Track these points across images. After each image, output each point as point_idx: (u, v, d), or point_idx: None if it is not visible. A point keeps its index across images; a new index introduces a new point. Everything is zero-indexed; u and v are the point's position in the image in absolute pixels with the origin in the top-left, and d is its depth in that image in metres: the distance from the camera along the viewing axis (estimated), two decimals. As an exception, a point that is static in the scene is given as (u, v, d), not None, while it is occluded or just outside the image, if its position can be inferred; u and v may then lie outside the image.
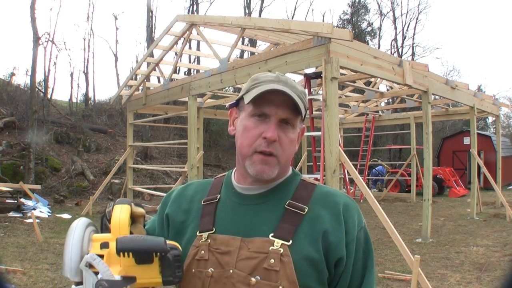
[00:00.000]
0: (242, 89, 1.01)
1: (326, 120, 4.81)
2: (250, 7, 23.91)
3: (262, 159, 0.94)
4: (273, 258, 0.88)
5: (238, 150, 0.99)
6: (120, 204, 0.92)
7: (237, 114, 1.02)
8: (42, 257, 5.40)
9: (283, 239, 0.90)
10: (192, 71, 14.75)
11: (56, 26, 24.09)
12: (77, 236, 0.83)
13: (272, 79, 0.96)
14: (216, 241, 0.94)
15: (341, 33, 4.82)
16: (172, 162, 15.56)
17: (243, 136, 0.97)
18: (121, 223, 0.87)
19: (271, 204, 0.96)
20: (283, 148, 0.95)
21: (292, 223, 0.92)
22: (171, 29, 7.78)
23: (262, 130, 0.94)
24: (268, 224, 0.93)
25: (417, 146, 11.66)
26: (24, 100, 13.81)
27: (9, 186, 8.60)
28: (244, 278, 0.88)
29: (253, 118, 0.95)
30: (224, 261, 0.91)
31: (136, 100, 9.68)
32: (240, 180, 1.02)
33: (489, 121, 26.78)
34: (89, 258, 0.79)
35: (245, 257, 0.90)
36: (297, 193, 0.98)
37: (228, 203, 1.00)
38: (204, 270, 0.92)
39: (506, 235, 6.94)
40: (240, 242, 0.92)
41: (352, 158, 11.25)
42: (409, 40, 27.56)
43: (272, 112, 0.94)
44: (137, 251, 0.80)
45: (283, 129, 0.95)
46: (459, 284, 4.43)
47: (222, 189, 1.04)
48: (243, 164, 0.97)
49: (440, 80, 7.41)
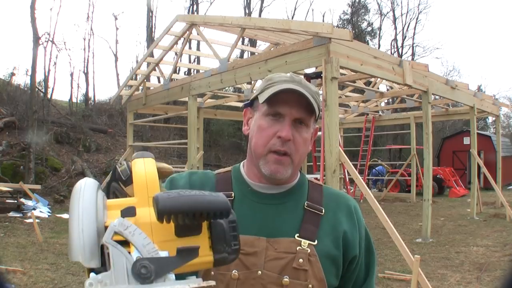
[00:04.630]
0: (257, 89, 1.02)
1: (326, 120, 4.81)
2: (250, 7, 23.92)
3: (276, 159, 0.94)
4: (301, 258, 0.90)
5: (253, 149, 0.98)
6: (141, 157, 0.67)
7: (251, 114, 1.02)
8: (42, 257, 5.40)
9: (309, 239, 0.92)
10: (192, 71, 14.74)
11: (56, 26, 23.98)
12: (88, 199, 0.55)
13: (286, 79, 0.97)
14: None
15: (341, 33, 4.82)
16: (172, 162, 15.55)
17: (258, 135, 0.96)
18: (150, 179, 0.61)
19: (291, 205, 0.98)
20: (297, 148, 0.95)
21: (313, 223, 0.95)
22: (171, 29, 7.77)
23: (277, 130, 0.94)
24: (290, 225, 0.94)
25: (417, 146, 11.66)
26: (24, 100, 13.79)
27: (9, 186, 8.60)
28: (276, 278, 0.88)
29: (268, 118, 0.95)
30: (249, 262, 0.90)
31: (136, 100, 9.68)
32: (254, 178, 1.00)
33: (489, 121, 26.77)
34: (118, 226, 0.53)
35: (273, 258, 0.90)
36: (310, 194, 1.00)
37: (245, 201, 0.97)
38: (227, 272, 0.89)
39: (506, 235, 6.94)
40: (266, 243, 0.91)
41: (352, 158, 11.22)
42: (409, 40, 27.60)
43: (286, 111, 0.94)
44: (194, 211, 0.53)
45: (297, 128, 0.95)
46: (459, 284, 4.43)
47: (234, 186, 1.00)
48: (257, 164, 0.97)
49: (440, 80, 7.41)
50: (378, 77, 6.29)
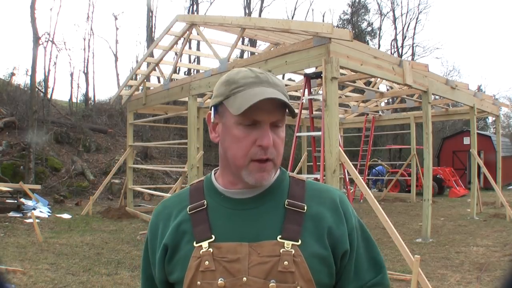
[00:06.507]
0: (217, 93, 0.94)
1: (326, 120, 4.81)
2: (250, 7, 23.93)
3: (260, 167, 0.91)
4: (286, 260, 0.87)
5: (231, 161, 0.93)
6: None
7: (217, 119, 0.96)
8: (42, 257, 5.40)
9: (292, 240, 0.89)
10: (192, 71, 14.76)
11: (56, 26, 24.11)
12: None
13: (253, 80, 0.91)
14: (221, 250, 0.89)
15: (341, 33, 4.81)
16: (172, 162, 15.56)
17: (235, 146, 0.91)
18: None
19: (270, 206, 0.94)
20: (278, 150, 0.93)
21: (296, 222, 0.91)
22: (171, 29, 7.78)
23: (255, 138, 0.89)
24: (272, 226, 0.91)
25: (417, 146, 11.67)
26: (24, 100, 13.80)
27: (9, 186, 8.60)
28: (262, 284, 0.86)
29: (241, 126, 0.90)
30: (234, 269, 0.87)
31: (136, 100, 9.68)
32: (228, 186, 0.97)
33: (489, 121, 26.78)
34: None
35: (257, 263, 0.87)
36: (291, 191, 0.96)
37: (220, 210, 0.95)
38: (213, 281, 0.87)
39: (506, 235, 6.94)
40: (249, 248, 0.89)
41: (352, 158, 11.23)
42: (409, 40, 27.62)
43: (264, 118, 0.89)
44: None
45: (275, 131, 0.92)
46: (459, 284, 4.43)
47: (206, 195, 0.98)
48: (239, 174, 0.93)
49: (440, 80, 7.41)
50: (378, 77, 6.29)
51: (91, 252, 5.80)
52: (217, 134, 0.97)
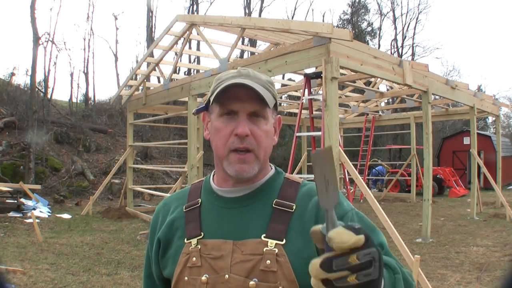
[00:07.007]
0: (209, 92, 1.00)
1: (326, 120, 4.81)
2: (250, 7, 23.94)
3: (239, 158, 0.92)
4: (269, 259, 0.86)
5: (215, 153, 0.97)
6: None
7: (209, 117, 1.00)
8: (42, 257, 5.40)
9: (276, 239, 0.88)
10: (192, 71, 14.75)
11: (56, 26, 24.13)
12: None
13: (233, 75, 0.95)
14: (207, 247, 0.91)
15: (341, 33, 4.82)
16: (172, 162, 15.56)
17: (216, 137, 0.95)
18: None
19: (258, 205, 0.94)
20: (259, 141, 0.93)
21: (282, 222, 0.90)
22: (171, 29, 7.78)
23: (233, 128, 0.92)
24: (258, 225, 0.91)
25: (417, 146, 11.66)
26: (24, 100, 13.80)
27: (9, 186, 8.60)
28: (243, 282, 0.86)
29: (222, 118, 0.94)
30: (217, 266, 0.88)
31: (136, 100, 9.68)
32: (221, 184, 0.99)
33: (489, 121, 26.77)
34: None
35: (240, 260, 0.87)
36: (282, 192, 0.96)
37: (211, 208, 0.97)
38: (198, 277, 0.89)
39: (506, 235, 6.94)
40: (233, 246, 0.89)
41: (352, 158, 11.23)
42: (409, 40, 27.61)
43: (239, 107, 0.92)
44: None
45: (255, 122, 0.92)
46: (459, 284, 4.43)
47: (202, 194, 1.01)
48: (222, 166, 0.95)
49: (440, 80, 7.41)
50: (378, 77, 6.29)
51: (91, 252, 5.80)
52: (208, 131, 1.01)
